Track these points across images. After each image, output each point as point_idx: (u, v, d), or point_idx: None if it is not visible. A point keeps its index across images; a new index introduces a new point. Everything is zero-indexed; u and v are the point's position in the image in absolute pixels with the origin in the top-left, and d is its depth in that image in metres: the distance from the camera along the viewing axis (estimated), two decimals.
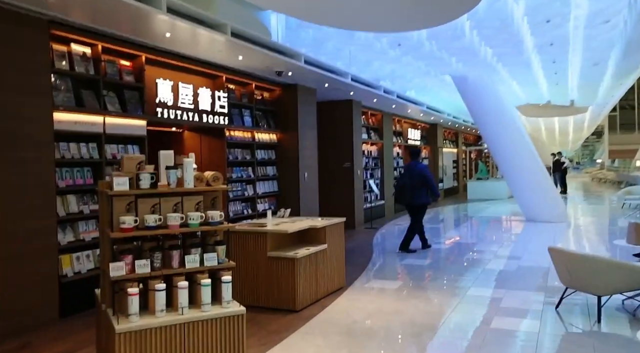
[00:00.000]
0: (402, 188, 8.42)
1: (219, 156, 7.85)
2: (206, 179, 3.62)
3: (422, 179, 8.17)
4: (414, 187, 8.22)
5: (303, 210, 9.44)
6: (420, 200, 8.29)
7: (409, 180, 8.26)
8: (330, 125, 11.99)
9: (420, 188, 8.21)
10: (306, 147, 9.64)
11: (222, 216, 3.62)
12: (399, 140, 16.39)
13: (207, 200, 3.67)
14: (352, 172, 11.87)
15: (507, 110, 12.44)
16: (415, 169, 8.36)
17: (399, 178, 8.85)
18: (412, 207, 8.44)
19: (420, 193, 8.24)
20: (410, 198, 8.32)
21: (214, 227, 3.55)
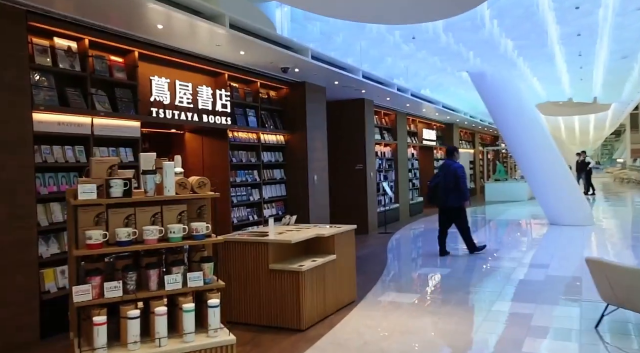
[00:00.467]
0: (436, 188, 7.97)
1: (221, 159, 7.36)
2: (191, 185, 3.11)
3: (454, 180, 7.74)
4: (447, 187, 7.80)
5: (313, 215, 8.91)
6: (453, 202, 7.87)
7: (443, 180, 7.85)
8: (341, 126, 11.45)
9: (454, 190, 7.79)
10: (315, 149, 9.12)
11: (210, 228, 3.11)
12: (414, 140, 15.78)
13: (192, 209, 3.17)
14: (364, 175, 11.31)
15: (527, 108, 11.78)
16: (449, 168, 7.89)
17: (433, 178, 8.43)
18: (446, 209, 8.04)
19: (454, 194, 7.82)
20: (443, 199, 7.90)
21: (199, 241, 3.03)
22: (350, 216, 11.37)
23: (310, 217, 8.80)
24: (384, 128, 13.40)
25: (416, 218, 14.20)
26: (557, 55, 9.90)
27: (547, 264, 7.29)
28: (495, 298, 5.60)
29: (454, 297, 5.76)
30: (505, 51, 9.20)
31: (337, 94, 10.53)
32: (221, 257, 4.92)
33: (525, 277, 6.63)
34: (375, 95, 11.17)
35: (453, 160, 8.12)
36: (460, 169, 7.95)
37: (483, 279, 6.56)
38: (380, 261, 7.97)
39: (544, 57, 10.03)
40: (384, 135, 13.31)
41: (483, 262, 7.72)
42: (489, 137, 27.37)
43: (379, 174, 12.80)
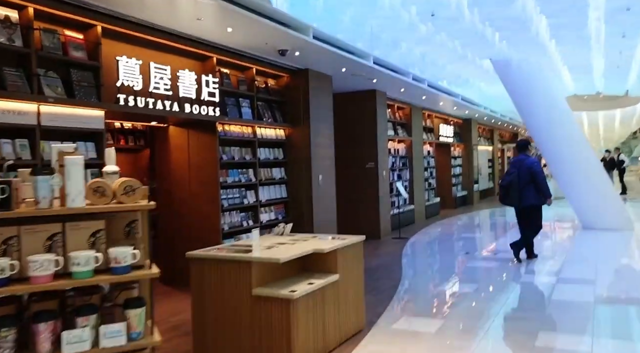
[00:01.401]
0: (509, 186, 7.12)
1: (210, 156, 6.36)
2: (113, 192, 2.10)
3: (530, 176, 6.97)
4: (521, 185, 7.00)
5: (318, 219, 7.88)
6: (529, 200, 7.04)
7: (516, 178, 7.04)
8: (350, 120, 10.39)
9: (529, 187, 6.99)
10: (320, 145, 8.07)
11: (138, 255, 2.08)
12: (430, 137, 14.65)
13: (116, 227, 2.15)
14: (376, 174, 10.24)
15: (558, 101, 10.59)
16: (523, 164, 7.09)
17: (504, 176, 7.51)
18: (520, 210, 7.25)
19: (529, 193, 7.00)
20: (517, 198, 7.08)
21: (119, 277, 2.01)
22: (360, 220, 10.32)
23: (314, 222, 7.78)
24: (398, 123, 12.31)
25: (433, 221, 13.09)
26: (595, 37, 8.73)
27: (592, 280, 6.15)
28: (539, 328, 4.50)
29: (485, 324, 4.68)
30: (537, 33, 8.07)
31: (346, 85, 9.48)
32: (194, 277, 3.91)
33: (569, 297, 5.51)
34: (388, 86, 10.10)
35: (526, 155, 7.32)
36: (536, 164, 7.12)
37: (518, 300, 5.46)
38: (394, 274, 6.90)
39: (580, 41, 8.86)
40: (398, 131, 12.22)
41: (515, 275, 6.61)
42: (507, 134, 26.08)
43: (392, 173, 11.71)
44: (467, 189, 17.50)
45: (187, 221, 6.53)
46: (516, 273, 6.76)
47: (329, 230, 8.25)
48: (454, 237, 10.40)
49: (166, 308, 5.52)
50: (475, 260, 7.67)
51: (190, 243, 6.45)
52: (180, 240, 6.55)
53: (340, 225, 9.45)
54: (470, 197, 17.52)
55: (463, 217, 13.93)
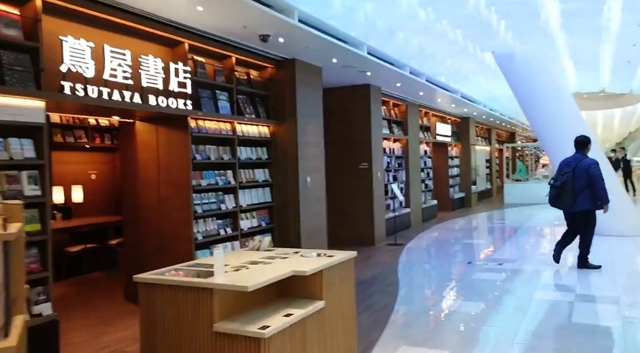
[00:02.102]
0: (561, 189, 6.44)
1: (180, 155, 5.58)
2: None
3: (587, 179, 6.37)
4: (576, 188, 6.40)
5: (305, 225, 7.12)
6: (584, 205, 6.44)
7: (571, 179, 6.41)
8: (341, 117, 9.64)
9: (585, 191, 6.39)
10: (309, 144, 7.32)
11: None
12: (427, 136, 13.93)
13: None
14: (370, 175, 9.50)
15: (565, 97, 9.89)
16: (580, 164, 6.47)
17: (555, 176, 6.79)
18: (572, 215, 6.66)
19: (584, 196, 6.41)
20: (569, 202, 6.45)
21: None
22: (353, 225, 9.57)
23: (301, 228, 7.02)
24: (393, 121, 11.58)
25: (430, 225, 12.36)
26: (608, 27, 8.03)
27: (616, 298, 5.43)
28: None
29: None
30: (547, 21, 7.35)
31: (337, 78, 8.72)
32: (143, 307, 3.14)
33: (592, 320, 4.79)
34: (384, 80, 9.36)
35: (584, 154, 6.63)
36: (595, 166, 6.42)
37: (534, 324, 4.73)
38: (390, 288, 6.16)
39: (592, 31, 8.16)
40: (393, 129, 11.49)
41: (527, 291, 5.88)
42: (505, 134, 25.45)
43: (387, 173, 10.97)
44: (465, 191, 16.82)
45: (155, 229, 5.75)
46: (527, 288, 6.03)
47: (318, 237, 7.49)
48: (453, 244, 9.67)
49: (126, 333, 4.74)
50: (478, 271, 6.94)
51: (160, 254, 5.69)
52: (148, 252, 5.78)
53: (331, 231, 8.71)
54: (468, 199, 16.83)
55: (461, 220, 13.22)
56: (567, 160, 6.74)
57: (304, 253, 3.79)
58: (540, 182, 17.76)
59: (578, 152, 6.67)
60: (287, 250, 4.03)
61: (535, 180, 18.20)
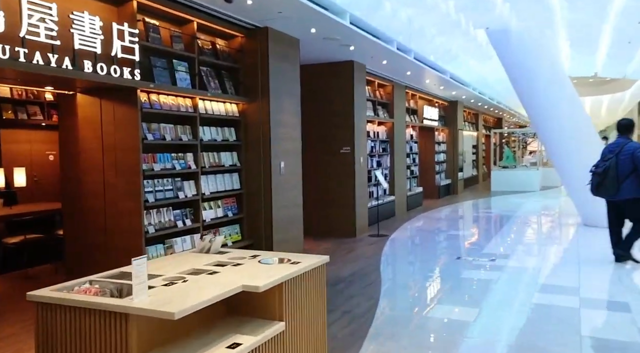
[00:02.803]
0: (604, 175, 5.95)
1: (128, 134, 4.74)
2: None
3: (633, 164, 5.89)
4: (620, 175, 5.92)
5: (278, 215, 6.36)
6: (628, 193, 5.93)
7: (614, 165, 5.95)
8: (322, 97, 8.84)
9: (631, 177, 5.90)
10: (284, 124, 6.52)
11: None
12: (413, 119, 13.20)
13: None
14: (352, 160, 8.74)
15: (563, 80, 9.21)
16: (624, 149, 5.99)
17: (598, 162, 6.23)
18: (615, 204, 6.17)
19: (629, 183, 5.90)
20: (612, 190, 5.98)
21: None
22: (333, 215, 8.84)
23: (273, 219, 6.26)
24: (379, 102, 10.80)
25: (415, 213, 11.71)
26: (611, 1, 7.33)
27: (626, 303, 4.79)
28: None
29: None
30: None
31: (318, 53, 7.90)
32: (39, 332, 2.35)
33: (606, 332, 4.14)
34: (368, 57, 8.55)
35: (629, 138, 6.18)
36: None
37: (537, 335, 4.06)
38: (371, 288, 5.45)
39: (595, 5, 7.45)
40: (378, 112, 10.72)
41: (525, 294, 5.22)
42: (492, 119, 24.89)
43: (371, 159, 10.24)
44: (451, 178, 16.20)
45: (100, 221, 4.93)
46: (525, 289, 5.37)
47: (293, 229, 6.75)
48: (440, 235, 9.02)
49: None
50: (469, 267, 6.28)
51: (105, 250, 4.89)
52: (91, 247, 4.96)
53: (309, 221, 7.97)
54: (454, 186, 16.23)
55: (448, 209, 12.59)
56: (609, 146, 6.28)
57: (262, 259, 3.03)
58: (527, 169, 17.24)
59: (621, 136, 6.19)
60: (244, 253, 3.26)
61: (522, 168, 17.66)
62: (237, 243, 6.09)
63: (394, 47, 8.10)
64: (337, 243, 8.12)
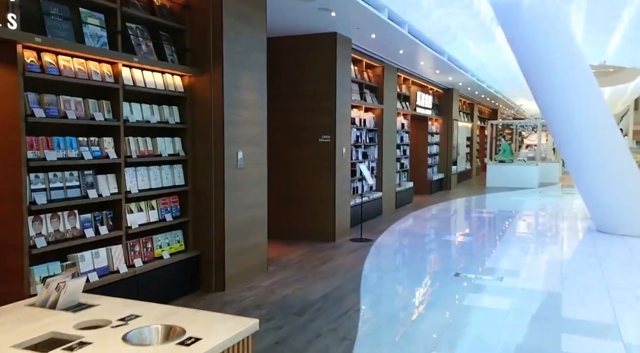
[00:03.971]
0: None
1: (3, 107, 3.35)
2: None
3: None
4: None
5: (234, 218, 5.02)
6: None
7: None
8: (298, 75, 7.47)
9: None
10: (243, 105, 5.14)
11: None
12: (405, 107, 11.87)
13: None
14: (332, 151, 7.40)
15: (581, 64, 7.89)
16: None
17: None
18: None
19: None
20: None
21: None
22: (307, 216, 7.53)
23: (227, 223, 4.91)
24: (366, 85, 9.44)
25: (405, 212, 10.43)
26: None
27: None
28: None
29: None
30: None
31: (292, 21, 6.51)
32: None
33: None
34: (354, 28, 7.17)
35: None
36: None
37: None
38: (346, 322, 4.13)
39: None
40: (366, 96, 9.37)
41: (549, 337, 3.93)
42: (487, 111, 23.66)
43: (356, 150, 8.91)
44: (444, 172, 14.94)
45: None
46: (547, 328, 4.10)
47: (254, 234, 5.41)
48: (433, 241, 7.75)
49: None
50: (471, 289, 5.00)
51: None
52: None
53: (278, 223, 6.67)
54: (447, 181, 14.98)
55: (441, 207, 11.33)
56: None
57: (134, 330, 1.67)
58: (525, 165, 16.05)
59: None
60: (111, 310, 1.90)
61: (520, 163, 16.47)
62: (179, 255, 4.74)
63: (384, 15, 6.72)
64: (311, 250, 6.81)
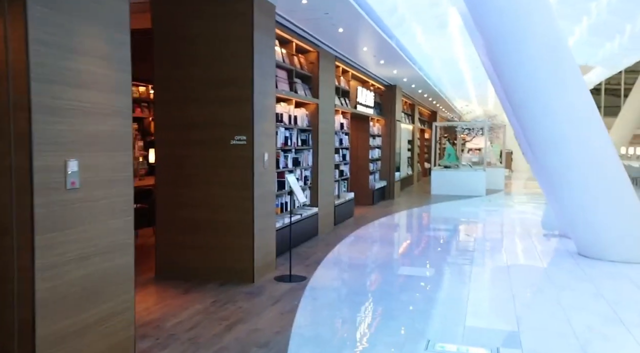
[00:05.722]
0: None
1: None
2: None
3: None
4: None
5: (67, 278, 2.83)
6: None
7: None
8: (197, 53, 5.36)
9: None
10: (80, 78, 2.96)
11: None
12: (345, 103, 10.03)
13: None
14: (250, 157, 5.33)
15: (565, 54, 6.31)
16: None
17: None
18: None
19: None
20: None
21: None
22: (216, 247, 5.44)
23: (39, 291, 2.72)
24: (298, 74, 7.48)
25: (345, 229, 8.55)
26: None
27: None
28: None
29: None
30: None
31: None
32: None
33: None
34: None
35: None
36: None
37: None
38: None
39: None
40: (297, 87, 7.40)
41: None
42: (426, 113, 22.50)
43: (285, 155, 6.91)
44: (387, 179, 13.29)
45: None
46: None
47: (107, 300, 3.22)
48: (386, 277, 5.89)
49: None
50: None
51: None
52: None
53: (167, 259, 4.55)
54: (390, 190, 13.33)
55: (387, 223, 9.57)
56: None
57: None
58: (472, 170, 14.76)
59: None
60: None
61: (466, 168, 15.17)
62: None
63: None
64: (217, 301, 4.72)
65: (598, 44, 11.33)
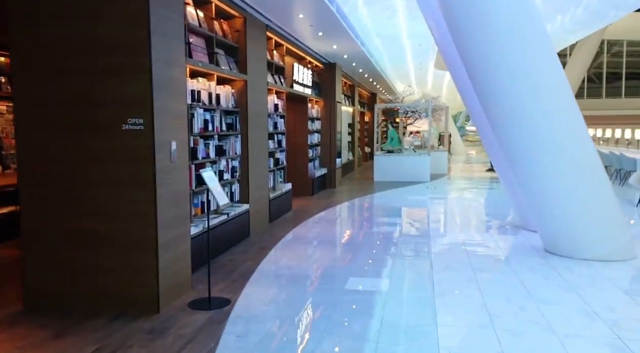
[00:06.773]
0: None
1: None
2: None
3: None
4: None
5: None
6: None
7: None
8: (73, 12, 3.89)
9: None
10: None
11: None
12: (279, 81, 8.73)
13: None
14: (150, 147, 3.96)
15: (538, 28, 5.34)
16: None
17: None
18: None
19: None
20: None
21: None
22: (106, 270, 4.05)
23: None
24: (219, 42, 6.09)
25: (282, 227, 7.35)
26: None
27: None
28: None
29: None
30: None
31: None
32: None
33: None
34: None
35: None
36: None
37: None
38: None
39: None
40: (218, 59, 6.02)
41: None
42: (366, 95, 21.59)
43: (205, 144, 5.55)
44: (327, 166, 12.18)
45: None
46: None
47: None
48: (331, 292, 4.76)
49: None
50: None
51: None
52: None
53: (42, 288, 3.10)
54: (331, 178, 12.25)
55: (330, 217, 8.45)
56: None
57: None
58: (415, 155, 13.95)
59: None
60: None
61: (409, 152, 14.36)
62: None
63: None
64: (98, 349, 3.37)
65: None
